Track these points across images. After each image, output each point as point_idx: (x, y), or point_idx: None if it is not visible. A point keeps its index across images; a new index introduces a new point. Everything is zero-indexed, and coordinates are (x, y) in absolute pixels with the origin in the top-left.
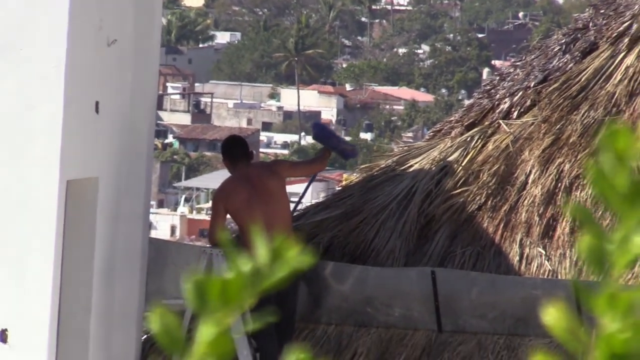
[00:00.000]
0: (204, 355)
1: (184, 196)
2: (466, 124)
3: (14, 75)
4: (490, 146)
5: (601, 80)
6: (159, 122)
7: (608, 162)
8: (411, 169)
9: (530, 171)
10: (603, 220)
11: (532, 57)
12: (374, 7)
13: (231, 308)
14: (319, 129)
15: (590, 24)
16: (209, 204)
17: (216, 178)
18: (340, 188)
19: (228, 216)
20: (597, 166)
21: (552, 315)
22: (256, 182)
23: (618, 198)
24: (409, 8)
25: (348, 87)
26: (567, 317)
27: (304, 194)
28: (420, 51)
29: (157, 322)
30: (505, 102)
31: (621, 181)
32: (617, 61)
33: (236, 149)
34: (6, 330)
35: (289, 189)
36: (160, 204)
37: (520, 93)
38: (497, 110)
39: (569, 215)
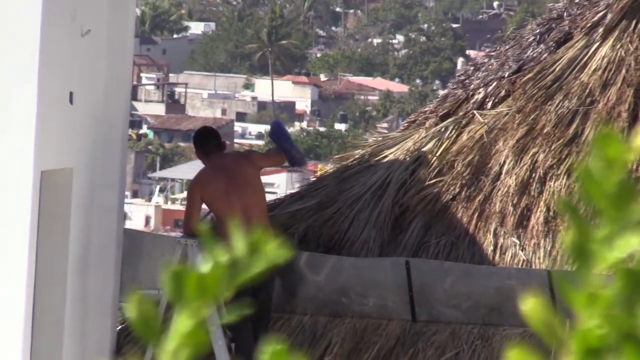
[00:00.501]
0: (179, 346)
1: (158, 186)
2: (440, 114)
3: None
4: (464, 136)
5: (575, 70)
6: (133, 112)
7: (598, 164)
8: (385, 160)
9: (505, 161)
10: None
11: (507, 47)
12: None
13: (207, 300)
14: (276, 128)
15: (565, 14)
16: (184, 195)
17: (191, 168)
18: (315, 178)
19: (203, 206)
20: (586, 167)
21: (530, 307)
22: (233, 171)
23: (605, 200)
24: None
25: (322, 77)
26: (544, 309)
27: None
28: (394, 41)
29: (134, 310)
30: (479, 93)
31: (609, 184)
32: (591, 51)
33: (208, 141)
34: None
35: (263, 179)
36: (135, 195)
37: (495, 83)
38: (472, 101)
39: (549, 206)
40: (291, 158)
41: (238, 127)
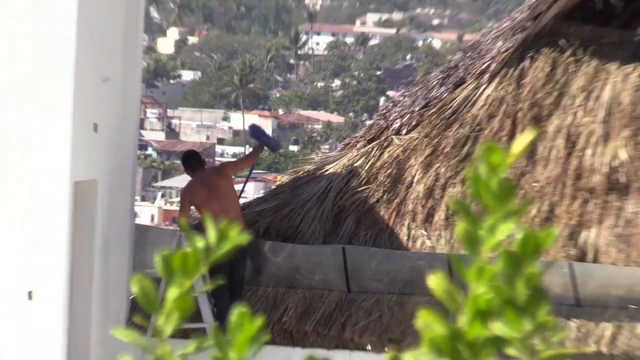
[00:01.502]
0: (170, 310)
1: (160, 193)
2: (368, 138)
3: (33, 106)
4: (385, 155)
5: (468, 105)
6: (141, 138)
7: (483, 169)
8: (327, 172)
9: (415, 173)
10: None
11: (417, 88)
12: (299, 52)
13: (190, 275)
14: (254, 130)
15: (460, 64)
16: (179, 199)
17: (184, 180)
18: (274, 186)
19: (193, 208)
20: (474, 171)
21: (435, 282)
22: (211, 185)
23: (489, 196)
24: (325, 52)
25: (280, 111)
26: (446, 283)
27: (242, 189)
28: (333, 85)
29: (137, 286)
30: (396, 122)
31: (493, 184)
32: (480, 91)
33: (192, 160)
34: (31, 291)
35: (236, 187)
36: (143, 199)
37: (408, 115)
38: (391, 128)
39: (448, 206)
40: (269, 147)
41: (218, 149)
